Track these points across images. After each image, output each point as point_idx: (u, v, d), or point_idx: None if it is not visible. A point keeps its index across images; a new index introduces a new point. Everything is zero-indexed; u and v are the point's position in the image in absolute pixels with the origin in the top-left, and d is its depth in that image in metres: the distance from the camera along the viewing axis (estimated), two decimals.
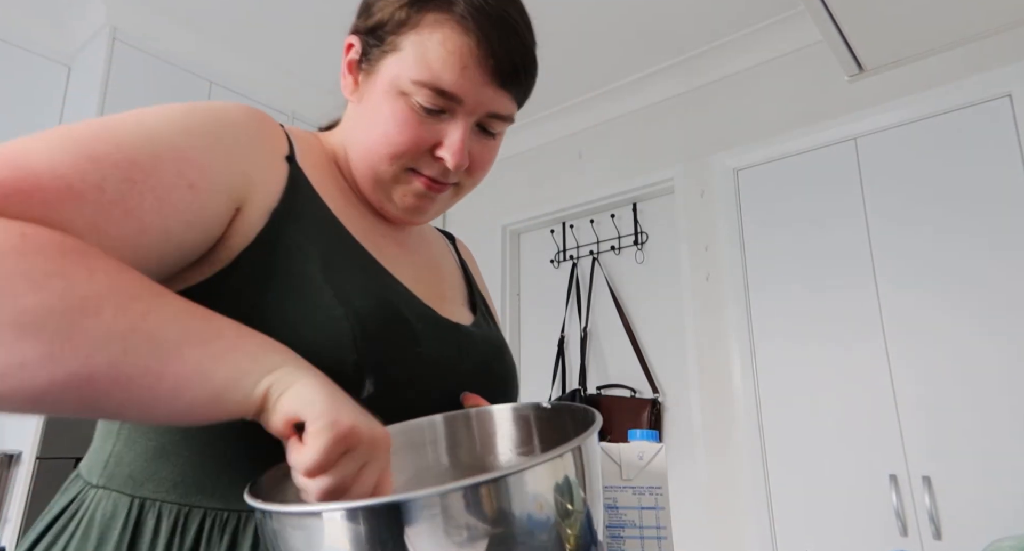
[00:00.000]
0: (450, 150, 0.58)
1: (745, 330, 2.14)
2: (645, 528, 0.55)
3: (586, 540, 0.35)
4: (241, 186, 0.50)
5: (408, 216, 0.64)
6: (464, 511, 0.30)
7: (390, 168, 0.60)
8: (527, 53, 0.61)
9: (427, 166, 0.60)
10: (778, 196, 2.19)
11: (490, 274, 2.93)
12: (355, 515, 0.31)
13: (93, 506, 0.50)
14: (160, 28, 2.30)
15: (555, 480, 0.33)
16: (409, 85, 0.57)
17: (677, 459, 2.24)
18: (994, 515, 1.62)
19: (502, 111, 0.61)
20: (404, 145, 0.58)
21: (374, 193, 0.62)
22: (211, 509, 0.49)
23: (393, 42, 0.58)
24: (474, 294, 0.75)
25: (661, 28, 2.30)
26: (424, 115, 0.58)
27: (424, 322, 0.58)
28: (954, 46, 1.11)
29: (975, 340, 1.74)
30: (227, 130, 0.51)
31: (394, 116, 0.58)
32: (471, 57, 0.56)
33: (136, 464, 0.51)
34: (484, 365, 0.64)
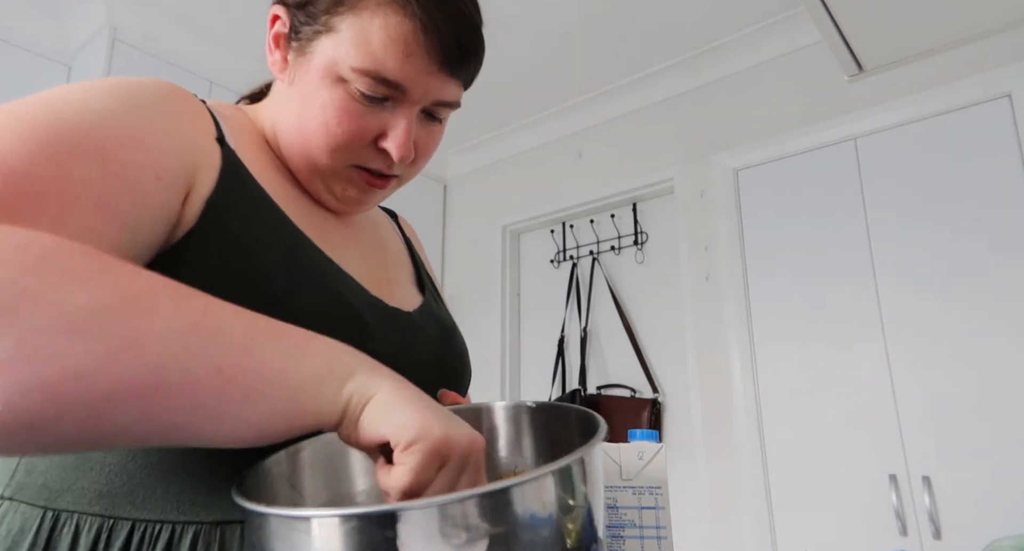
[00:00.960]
0: (395, 142, 0.54)
1: (745, 330, 2.14)
2: (645, 528, 0.55)
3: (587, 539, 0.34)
4: (191, 173, 0.46)
5: (347, 208, 0.60)
6: (463, 522, 0.30)
7: (330, 162, 0.55)
8: (475, 35, 0.56)
9: (370, 159, 0.56)
10: (778, 196, 2.19)
11: (490, 274, 2.93)
12: (349, 522, 0.30)
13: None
14: (160, 28, 2.30)
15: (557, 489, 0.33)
16: (349, 72, 0.52)
17: (677, 459, 2.24)
18: (994, 515, 1.62)
19: (449, 98, 0.57)
20: (345, 136, 0.54)
21: (312, 182, 0.58)
22: (140, 521, 0.44)
23: (328, 22, 0.53)
24: (421, 273, 0.71)
25: (661, 28, 2.30)
26: (366, 104, 0.53)
27: (375, 315, 0.54)
28: (954, 46, 1.11)
29: (975, 340, 1.74)
30: (161, 108, 0.47)
31: (333, 104, 0.53)
32: (416, 43, 0.52)
33: (51, 473, 0.45)
34: (438, 352, 0.61)
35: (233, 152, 0.51)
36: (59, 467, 0.45)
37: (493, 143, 3.07)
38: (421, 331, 0.60)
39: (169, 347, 0.32)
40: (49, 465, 0.46)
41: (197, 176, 0.47)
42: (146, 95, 0.47)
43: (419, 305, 0.63)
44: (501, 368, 2.77)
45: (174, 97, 0.49)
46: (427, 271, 0.74)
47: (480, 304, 2.92)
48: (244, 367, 0.34)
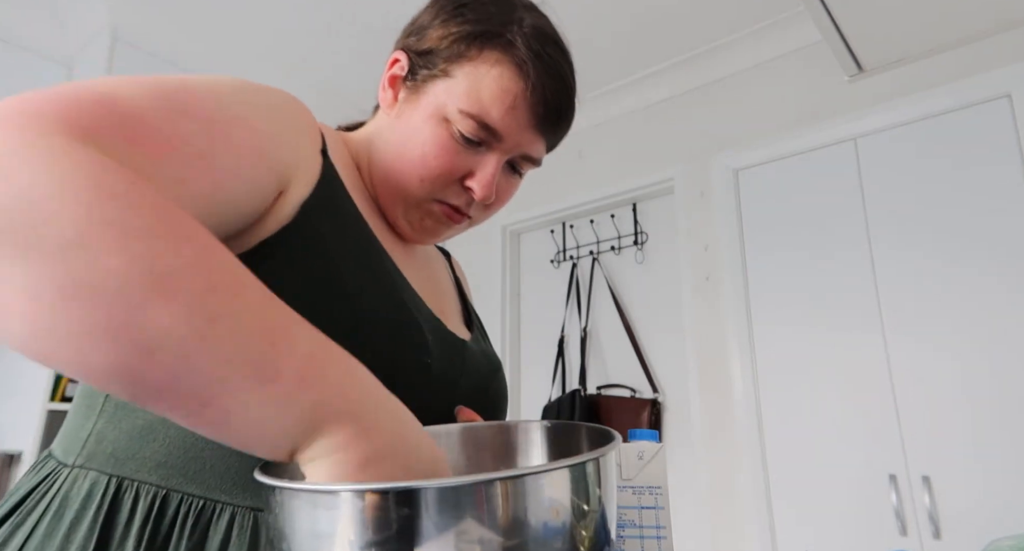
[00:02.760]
0: (481, 182, 0.60)
1: (745, 330, 2.14)
2: (645, 528, 0.55)
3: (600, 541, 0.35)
4: (289, 170, 0.49)
5: (420, 237, 0.65)
6: (482, 504, 0.30)
7: (418, 190, 0.60)
8: (570, 106, 0.63)
9: (453, 195, 0.62)
10: (778, 196, 2.19)
11: (490, 274, 2.93)
12: (367, 498, 0.30)
13: (68, 485, 0.47)
14: (161, 28, 2.31)
15: (574, 485, 0.33)
16: (455, 113, 0.58)
17: (677, 459, 2.24)
18: (994, 515, 1.62)
19: (534, 154, 0.63)
20: (438, 170, 0.59)
21: (393, 209, 0.63)
22: (187, 495, 0.46)
23: (446, 69, 0.59)
24: (469, 312, 0.76)
25: (661, 28, 2.30)
26: (463, 144, 0.59)
27: (434, 334, 0.57)
28: (954, 46, 1.11)
29: (975, 340, 1.74)
30: (279, 110, 0.51)
31: (434, 140, 0.59)
32: (522, 99, 0.58)
33: (120, 442, 0.48)
34: (481, 383, 0.64)
35: (332, 165, 0.55)
36: (126, 436, 0.48)
37: None
38: (471, 360, 0.63)
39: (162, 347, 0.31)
40: (117, 434, 0.48)
41: (296, 176, 0.49)
42: (270, 95, 0.50)
43: (469, 338, 0.67)
44: None
45: (295, 105, 0.53)
46: (474, 311, 0.78)
47: (480, 304, 2.92)
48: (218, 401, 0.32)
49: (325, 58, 2.51)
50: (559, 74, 0.61)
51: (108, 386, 0.31)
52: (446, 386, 0.57)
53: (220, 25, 2.34)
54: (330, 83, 2.65)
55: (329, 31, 2.36)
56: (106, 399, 0.50)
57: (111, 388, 0.31)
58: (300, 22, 2.32)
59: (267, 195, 0.46)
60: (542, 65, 0.59)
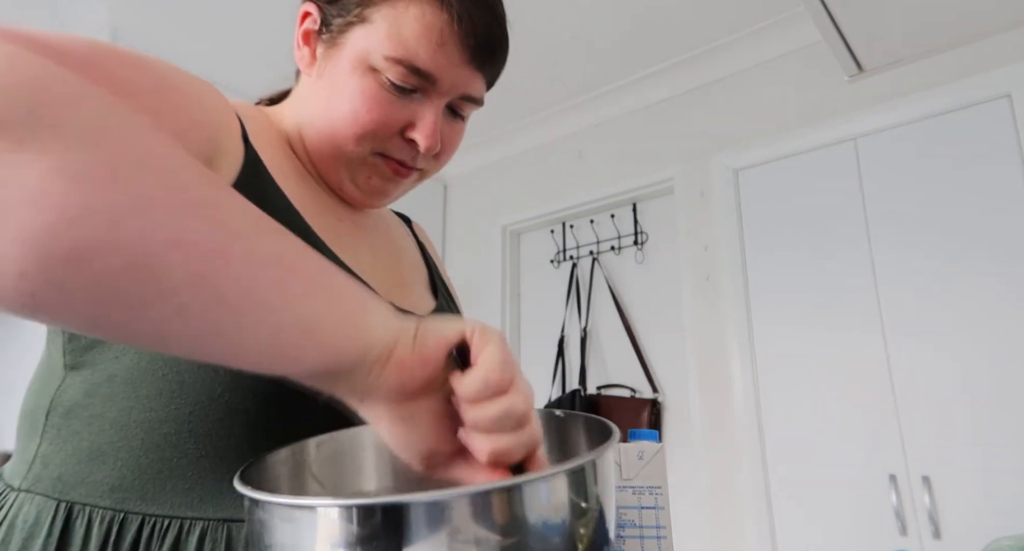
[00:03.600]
0: (423, 132, 0.55)
1: (745, 330, 2.14)
2: (645, 528, 0.55)
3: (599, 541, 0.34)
4: (217, 148, 0.46)
5: (370, 199, 0.61)
6: (471, 517, 0.29)
7: (356, 149, 0.56)
8: (503, 34, 0.58)
9: (396, 149, 0.57)
10: (778, 196, 2.19)
11: (490, 274, 2.93)
12: (352, 513, 0.29)
13: (14, 511, 0.45)
14: (160, 28, 2.31)
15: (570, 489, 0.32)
16: (380, 61, 0.53)
17: (677, 459, 2.24)
18: (994, 515, 1.62)
19: (474, 93, 0.58)
20: (373, 124, 0.54)
21: (335, 174, 0.59)
22: (149, 516, 0.44)
23: (361, 14, 0.54)
24: (434, 277, 0.72)
25: (661, 28, 2.30)
26: (395, 93, 0.54)
27: None
28: (954, 46, 1.11)
29: (975, 340, 1.74)
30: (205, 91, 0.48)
31: (362, 93, 0.54)
32: (449, 34, 0.53)
33: (67, 466, 0.45)
34: None
35: (255, 150, 0.52)
36: (73, 460, 0.46)
37: (493, 143, 3.07)
38: None
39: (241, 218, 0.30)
40: (64, 458, 0.46)
41: (222, 159, 0.47)
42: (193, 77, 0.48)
43: (432, 309, 0.64)
44: None
45: (212, 90, 0.51)
46: (441, 276, 0.74)
47: (480, 304, 2.92)
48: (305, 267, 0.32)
49: None
50: (483, 1, 0.56)
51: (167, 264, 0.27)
52: None
53: (220, 25, 2.33)
54: None
55: None
56: (47, 419, 0.47)
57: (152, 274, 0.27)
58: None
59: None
60: None
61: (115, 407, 0.46)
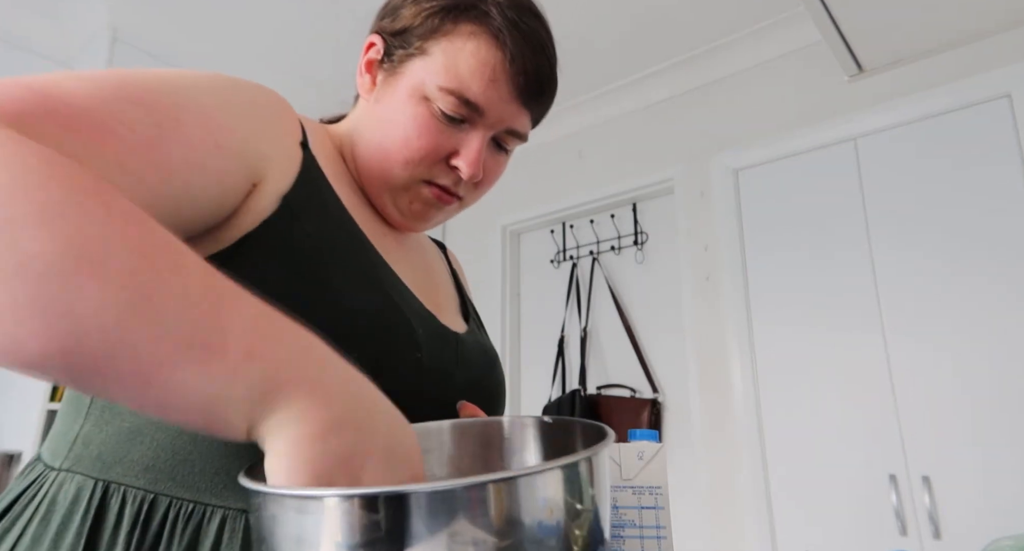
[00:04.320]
0: (467, 160, 0.58)
1: (745, 330, 2.14)
2: (645, 528, 0.55)
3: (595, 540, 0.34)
4: (260, 162, 0.48)
5: (411, 223, 0.64)
6: (471, 508, 0.29)
7: (403, 173, 0.59)
8: (553, 75, 0.62)
9: (441, 175, 0.60)
10: (778, 196, 2.19)
11: (490, 274, 2.93)
12: (355, 502, 0.29)
13: (55, 489, 0.47)
14: (160, 28, 2.31)
15: (566, 485, 0.32)
16: (434, 91, 0.56)
17: (677, 459, 2.24)
18: (994, 515, 1.62)
19: (520, 128, 0.61)
20: (422, 150, 0.58)
21: (381, 196, 0.61)
22: (176, 499, 0.45)
23: (422, 46, 0.58)
24: (466, 303, 0.74)
25: (661, 28, 2.30)
26: (444, 123, 0.57)
27: (425, 328, 0.56)
28: (954, 46, 1.11)
29: (975, 340, 1.74)
30: (251, 104, 0.50)
31: (415, 120, 0.57)
32: (501, 71, 0.57)
33: (107, 445, 0.47)
34: (478, 376, 0.62)
35: (313, 157, 0.54)
36: (113, 439, 0.47)
37: None
38: (467, 353, 0.62)
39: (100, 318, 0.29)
40: (104, 437, 0.47)
41: (273, 169, 0.48)
42: (246, 90, 0.50)
43: (464, 331, 0.66)
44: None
45: (272, 99, 0.52)
46: (472, 303, 0.77)
47: (480, 304, 2.91)
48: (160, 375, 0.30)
49: (325, 58, 2.51)
50: (538, 42, 0.59)
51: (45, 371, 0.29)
52: (440, 380, 0.56)
53: (220, 25, 2.34)
54: (330, 83, 2.65)
55: (329, 31, 2.36)
56: (92, 401, 0.49)
57: (49, 373, 0.29)
58: (300, 22, 2.32)
59: (232, 187, 0.45)
60: (519, 34, 0.57)
61: None
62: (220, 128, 0.44)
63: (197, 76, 0.46)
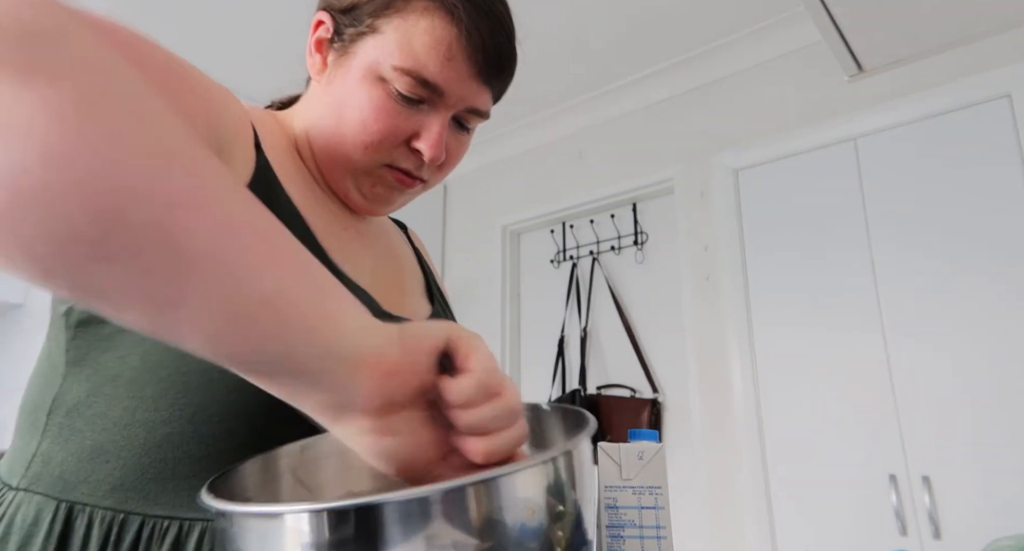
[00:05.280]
0: (428, 142, 0.56)
1: (745, 330, 2.14)
2: (645, 528, 0.55)
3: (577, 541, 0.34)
4: (230, 149, 0.47)
5: (373, 207, 0.62)
6: (445, 515, 0.28)
7: (363, 158, 0.57)
8: (512, 50, 0.59)
9: (401, 158, 0.58)
10: (778, 196, 2.19)
11: (490, 274, 2.93)
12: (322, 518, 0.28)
13: (12, 510, 0.44)
14: (160, 28, 2.30)
15: (544, 483, 0.31)
16: (389, 71, 0.54)
17: (677, 459, 2.24)
18: (994, 515, 1.62)
19: (481, 106, 0.59)
20: (380, 133, 0.55)
21: (342, 181, 0.59)
22: (150, 516, 0.44)
23: (372, 24, 0.55)
24: (430, 282, 0.73)
25: (661, 28, 2.30)
26: (402, 104, 0.55)
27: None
28: (954, 46, 1.11)
29: (975, 340, 1.74)
30: (225, 97, 0.49)
31: (371, 102, 0.54)
32: (458, 48, 0.54)
33: (68, 464, 0.45)
34: None
35: (266, 158, 0.53)
36: (75, 458, 0.45)
37: (493, 143, 3.07)
38: None
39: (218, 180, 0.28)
40: (65, 456, 0.45)
41: (232, 162, 0.48)
42: (218, 85, 0.50)
43: (428, 314, 0.65)
44: (501, 368, 2.76)
45: (228, 94, 0.52)
46: (436, 281, 0.75)
47: (480, 304, 2.92)
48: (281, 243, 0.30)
49: None
50: (494, 15, 0.56)
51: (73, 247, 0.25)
52: None
53: (220, 25, 2.33)
54: None
55: None
56: (49, 417, 0.47)
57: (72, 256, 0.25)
58: (299, 21, 2.31)
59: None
60: (474, 7, 0.55)
61: (119, 406, 0.45)
62: (213, 102, 0.46)
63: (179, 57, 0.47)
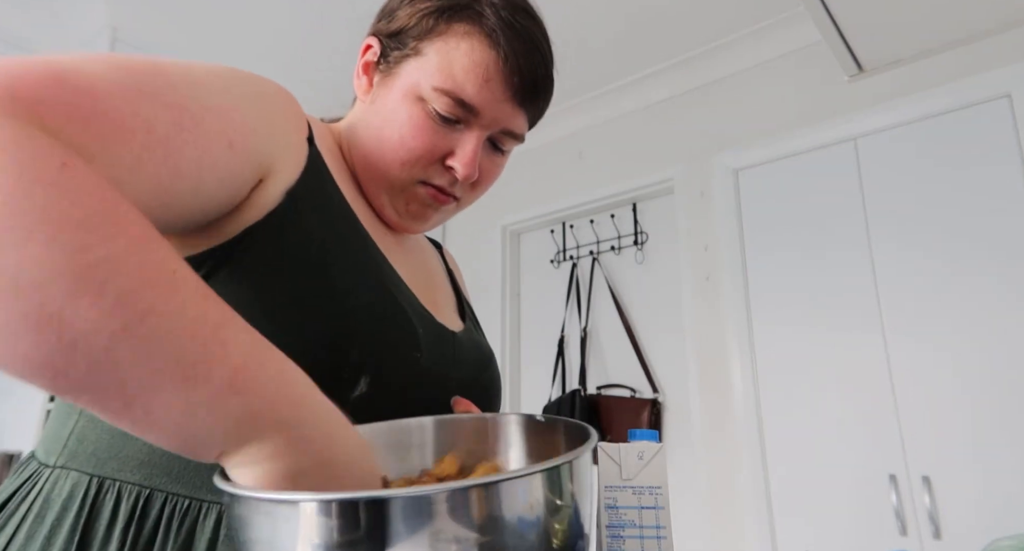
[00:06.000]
0: (462, 160, 0.58)
1: (745, 330, 2.14)
2: (645, 528, 0.55)
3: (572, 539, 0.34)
4: (269, 157, 0.48)
5: (408, 224, 0.64)
6: (448, 514, 0.29)
7: (400, 174, 0.59)
8: (548, 75, 0.62)
9: (436, 175, 0.60)
10: (778, 196, 2.19)
11: (490, 274, 2.93)
12: (330, 508, 0.29)
13: (49, 486, 0.46)
14: (161, 28, 2.31)
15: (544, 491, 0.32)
16: (429, 91, 0.56)
17: (677, 459, 2.24)
18: (994, 515, 1.62)
19: (516, 129, 0.61)
20: (418, 150, 0.58)
21: (379, 196, 0.62)
22: (172, 494, 0.45)
23: (416, 47, 0.58)
24: (462, 302, 0.74)
25: (661, 28, 2.30)
26: (440, 123, 0.57)
27: (424, 326, 0.56)
28: (954, 46, 1.11)
29: (975, 340, 1.74)
30: (263, 99, 0.50)
31: (411, 120, 0.57)
32: (496, 71, 0.57)
33: (101, 441, 0.47)
34: (474, 375, 0.63)
35: (319, 153, 0.54)
36: (107, 435, 0.47)
37: None
38: (464, 351, 0.62)
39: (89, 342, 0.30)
40: (99, 433, 0.47)
41: (279, 164, 0.49)
42: (255, 84, 0.49)
43: (461, 329, 0.66)
44: (501, 368, 2.76)
45: (281, 94, 0.52)
46: (468, 301, 0.77)
47: (480, 304, 2.91)
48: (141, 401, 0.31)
49: (324, 57, 2.51)
50: (532, 42, 0.59)
51: (32, 379, 0.30)
52: (437, 379, 0.57)
53: (220, 25, 2.33)
54: (329, 82, 2.65)
55: (328, 30, 2.36)
56: None
57: (35, 382, 0.30)
58: (299, 21, 2.32)
59: (240, 185, 0.45)
60: (513, 33, 0.57)
61: None
62: (234, 126, 0.44)
63: (211, 70, 0.46)
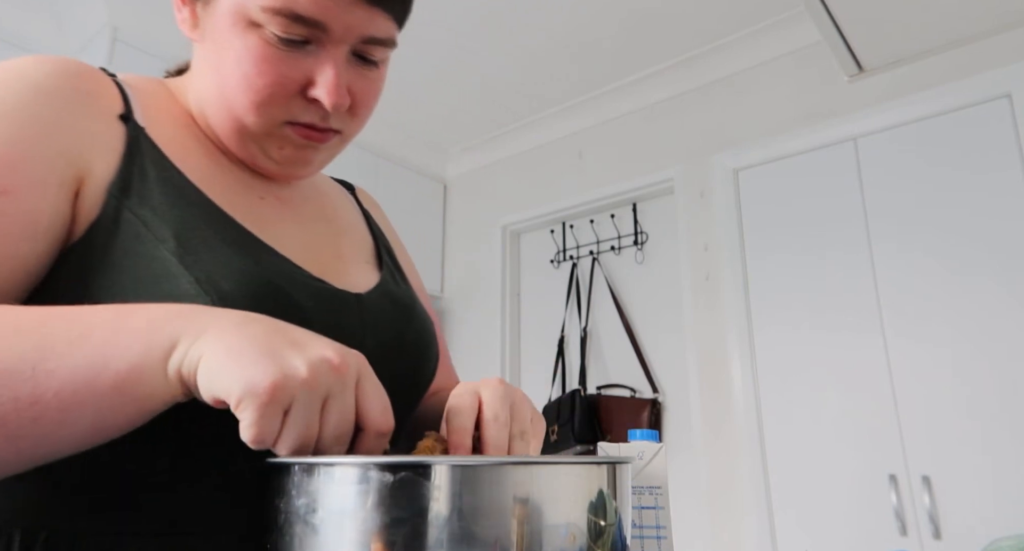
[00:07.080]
0: (325, 88, 0.48)
1: (745, 330, 2.14)
2: (645, 528, 0.55)
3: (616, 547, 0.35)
4: (74, 165, 0.43)
5: (289, 170, 0.55)
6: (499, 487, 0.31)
7: (258, 119, 0.49)
8: None
9: (301, 112, 0.50)
10: (778, 196, 2.19)
11: (490, 274, 2.93)
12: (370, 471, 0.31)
13: None
14: (160, 28, 2.30)
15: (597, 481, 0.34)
16: (259, 13, 0.46)
17: (677, 459, 2.24)
18: (994, 515, 1.62)
19: (379, 33, 0.50)
20: (268, 88, 0.48)
21: (244, 149, 0.53)
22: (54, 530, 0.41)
23: None
24: (380, 249, 0.65)
25: (661, 28, 2.30)
26: (284, 48, 0.47)
27: (315, 298, 0.49)
28: (954, 46, 1.11)
29: (975, 340, 1.74)
30: (44, 102, 0.43)
31: (249, 54, 0.47)
32: None
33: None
34: (393, 335, 0.55)
35: (141, 130, 0.48)
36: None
37: (493, 143, 3.07)
38: (372, 313, 0.54)
39: None
40: None
41: (90, 161, 0.44)
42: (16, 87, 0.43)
43: (374, 284, 0.58)
44: (501, 368, 2.77)
45: (58, 81, 0.45)
46: (388, 246, 0.67)
47: (480, 304, 2.92)
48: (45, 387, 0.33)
49: None
50: None
51: None
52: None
53: None
54: None
55: None
56: None
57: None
58: None
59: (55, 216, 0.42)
60: None
61: None
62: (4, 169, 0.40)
63: None
